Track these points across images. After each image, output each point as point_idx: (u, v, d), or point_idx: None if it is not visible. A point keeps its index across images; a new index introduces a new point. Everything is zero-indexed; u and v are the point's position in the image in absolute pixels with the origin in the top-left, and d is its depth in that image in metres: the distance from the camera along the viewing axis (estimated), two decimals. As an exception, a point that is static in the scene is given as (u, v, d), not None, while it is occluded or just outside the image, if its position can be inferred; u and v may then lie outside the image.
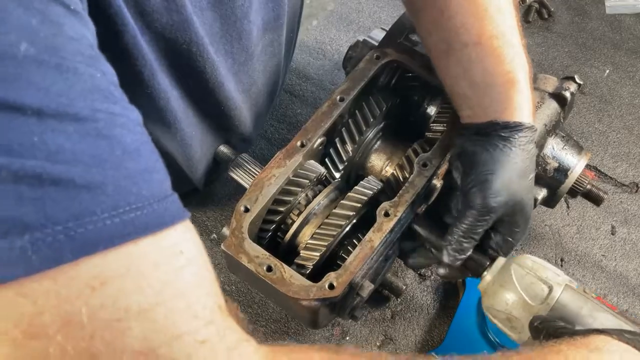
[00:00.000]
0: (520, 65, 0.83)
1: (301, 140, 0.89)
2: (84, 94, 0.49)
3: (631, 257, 1.11)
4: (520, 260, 0.85)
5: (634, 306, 1.07)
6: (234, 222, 0.83)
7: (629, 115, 1.26)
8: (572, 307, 0.79)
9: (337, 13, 1.42)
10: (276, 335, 1.05)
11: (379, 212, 0.84)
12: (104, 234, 0.48)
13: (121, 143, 0.50)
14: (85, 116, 0.48)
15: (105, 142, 0.49)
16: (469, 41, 0.82)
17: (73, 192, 0.47)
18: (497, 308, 0.84)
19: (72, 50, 0.49)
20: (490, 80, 0.82)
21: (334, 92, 0.93)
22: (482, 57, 0.82)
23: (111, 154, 0.49)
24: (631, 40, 1.36)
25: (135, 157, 0.51)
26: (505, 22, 0.82)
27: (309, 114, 1.19)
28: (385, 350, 1.04)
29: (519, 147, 0.82)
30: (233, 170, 0.96)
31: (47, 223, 0.46)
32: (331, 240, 0.85)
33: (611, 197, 1.16)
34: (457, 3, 0.82)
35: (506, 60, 0.82)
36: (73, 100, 0.48)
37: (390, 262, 0.94)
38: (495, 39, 0.81)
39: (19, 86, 0.45)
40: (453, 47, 0.83)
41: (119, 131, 0.50)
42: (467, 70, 0.83)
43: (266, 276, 0.80)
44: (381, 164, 0.97)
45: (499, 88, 0.82)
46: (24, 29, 0.46)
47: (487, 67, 0.82)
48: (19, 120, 0.45)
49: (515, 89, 0.82)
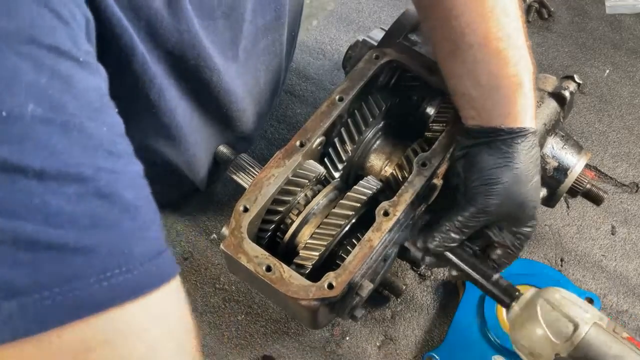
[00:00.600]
0: (525, 68, 0.83)
1: (300, 140, 0.89)
2: (87, 152, 0.49)
3: (631, 257, 1.11)
4: (548, 293, 0.81)
5: (634, 306, 1.07)
6: (233, 222, 0.83)
7: (629, 115, 1.26)
8: (598, 348, 0.75)
9: (337, 13, 1.42)
10: (276, 335, 1.05)
11: (378, 212, 0.84)
12: (91, 299, 0.47)
13: (120, 201, 0.50)
14: (87, 176, 0.49)
15: (104, 201, 0.49)
16: (474, 42, 0.82)
17: (66, 256, 0.47)
18: (521, 342, 0.81)
19: (79, 106, 0.50)
20: (495, 82, 0.82)
21: (333, 92, 0.93)
22: (487, 58, 0.82)
23: (109, 214, 0.49)
24: (631, 40, 1.36)
25: (133, 215, 0.51)
26: (511, 24, 0.82)
27: (308, 114, 1.18)
28: (385, 350, 1.04)
29: (522, 152, 0.82)
30: (232, 170, 0.96)
31: (35, 288, 0.46)
32: (330, 240, 0.85)
33: (611, 197, 1.16)
34: (464, 3, 0.81)
35: (511, 63, 0.82)
36: (76, 160, 0.48)
37: (390, 262, 0.94)
38: (501, 40, 0.81)
39: (24, 147, 0.46)
40: (459, 47, 0.83)
41: (120, 188, 0.51)
42: (472, 71, 0.83)
43: (265, 276, 0.80)
44: (380, 164, 0.97)
45: (503, 91, 0.82)
46: (33, 88, 0.46)
47: (492, 69, 0.82)
48: (22, 182, 0.45)
49: (519, 92, 0.82)
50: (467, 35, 0.82)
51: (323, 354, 1.04)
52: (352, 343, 1.05)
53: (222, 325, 1.06)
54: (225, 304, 1.08)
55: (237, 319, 1.07)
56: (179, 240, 1.13)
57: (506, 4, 0.82)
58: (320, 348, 1.04)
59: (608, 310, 1.06)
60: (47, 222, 0.46)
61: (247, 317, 1.07)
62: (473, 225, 0.85)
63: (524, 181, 0.84)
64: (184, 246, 1.13)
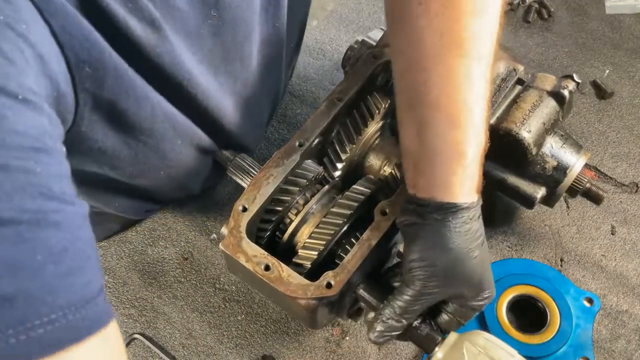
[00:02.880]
0: (473, 137, 0.76)
1: (299, 139, 0.90)
2: (11, 194, 0.46)
3: (631, 257, 1.11)
4: (472, 337, 0.81)
5: (634, 306, 1.06)
6: (232, 222, 0.84)
7: (629, 115, 1.26)
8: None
9: (336, 13, 1.42)
10: (276, 335, 1.05)
11: (376, 211, 0.84)
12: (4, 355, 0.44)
13: (44, 245, 0.48)
14: (8, 219, 0.46)
15: (25, 246, 0.46)
16: (430, 102, 0.75)
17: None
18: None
19: (9, 145, 0.47)
20: (438, 147, 0.76)
21: (332, 92, 0.93)
22: (437, 120, 0.76)
23: (30, 260, 0.46)
24: (631, 40, 1.36)
25: (58, 260, 0.48)
26: (472, 89, 0.75)
27: (308, 114, 1.19)
28: (385, 350, 1.04)
29: (454, 230, 0.76)
30: (232, 170, 0.96)
31: None
32: (329, 239, 0.85)
33: (611, 197, 1.16)
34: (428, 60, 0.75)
35: (459, 129, 0.75)
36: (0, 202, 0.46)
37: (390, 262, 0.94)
38: (454, 104, 0.75)
39: None
40: (415, 104, 0.77)
41: (45, 232, 0.48)
42: (421, 131, 0.77)
43: (264, 275, 0.80)
44: (379, 163, 0.97)
45: (443, 158, 0.76)
46: None
47: (437, 132, 0.76)
48: None
49: (460, 162, 0.75)
50: (424, 94, 0.76)
51: (323, 354, 1.04)
52: (352, 343, 1.05)
53: (222, 325, 1.06)
54: (225, 304, 1.08)
55: (237, 319, 1.07)
56: (179, 240, 1.14)
57: (471, 69, 0.75)
58: (320, 348, 1.04)
59: (608, 310, 1.06)
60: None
61: (247, 317, 1.07)
62: (416, 309, 0.80)
63: (461, 260, 0.77)
64: (184, 246, 1.13)
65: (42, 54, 0.54)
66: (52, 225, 0.49)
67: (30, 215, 0.47)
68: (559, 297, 1.04)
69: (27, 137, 0.49)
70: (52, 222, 0.49)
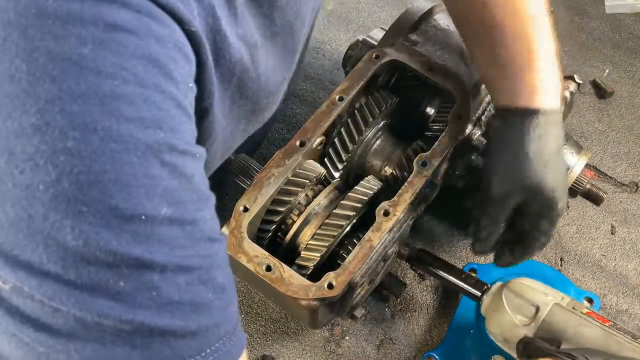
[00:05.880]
0: (543, 45, 0.82)
1: (300, 140, 0.89)
2: (198, 244, 0.53)
3: (631, 257, 1.11)
4: (511, 284, 0.90)
5: (634, 306, 1.07)
6: (233, 222, 0.83)
7: (629, 115, 1.26)
8: (558, 326, 0.84)
9: (337, 13, 1.42)
10: (276, 335, 1.05)
11: (378, 212, 0.84)
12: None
13: (214, 284, 0.54)
14: (196, 266, 0.53)
15: (204, 287, 0.53)
16: (496, 23, 0.82)
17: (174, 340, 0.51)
18: (494, 331, 0.91)
19: (195, 200, 0.53)
20: (512, 61, 0.82)
21: (333, 92, 0.93)
22: (505, 37, 0.82)
23: (205, 299, 0.54)
24: (631, 40, 1.36)
25: (222, 296, 0.55)
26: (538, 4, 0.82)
27: (308, 113, 1.18)
28: (385, 350, 1.04)
29: (530, 134, 0.80)
30: (232, 171, 0.96)
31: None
32: (332, 240, 0.85)
33: (611, 197, 1.16)
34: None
35: (528, 40, 0.81)
36: (188, 252, 0.52)
37: (390, 262, 0.94)
38: (521, 20, 0.81)
39: (153, 246, 0.49)
40: (484, 32, 0.84)
41: (214, 273, 0.55)
42: (493, 52, 0.83)
43: (265, 276, 0.80)
44: (381, 164, 0.97)
45: (515, 70, 0.82)
46: (167, 193, 0.50)
47: (508, 46, 0.82)
48: (147, 277, 0.49)
49: (533, 70, 0.81)
50: (489, 19, 0.82)
51: (323, 354, 1.04)
52: (352, 343, 1.05)
53: (222, 325, 1.06)
54: (225, 304, 1.08)
55: (237, 319, 1.07)
56: (179, 240, 1.13)
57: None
58: (320, 348, 1.04)
59: (608, 310, 1.06)
60: (160, 310, 0.50)
61: (247, 317, 1.07)
62: (499, 215, 0.84)
63: (535, 165, 0.81)
64: (184, 246, 1.13)
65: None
66: (217, 266, 0.55)
67: (207, 261, 0.54)
68: (560, 297, 1.04)
69: (202, 190, 0.55)
70: (217, 263, 0.55)
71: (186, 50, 0.55)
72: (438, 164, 0.88)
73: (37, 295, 0.47)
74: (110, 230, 0.47)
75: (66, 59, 0.46)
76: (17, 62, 0.46)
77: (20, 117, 0.46)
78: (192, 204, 0.53)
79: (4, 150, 0.46)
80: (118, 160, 0.47)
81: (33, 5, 0.46)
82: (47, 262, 0.47)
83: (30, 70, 0.46)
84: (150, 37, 0.50)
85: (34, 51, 0.46)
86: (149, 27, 0.50)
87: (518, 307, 0.87)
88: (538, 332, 0.85)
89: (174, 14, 0.53)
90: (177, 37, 0.53)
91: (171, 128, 0.51)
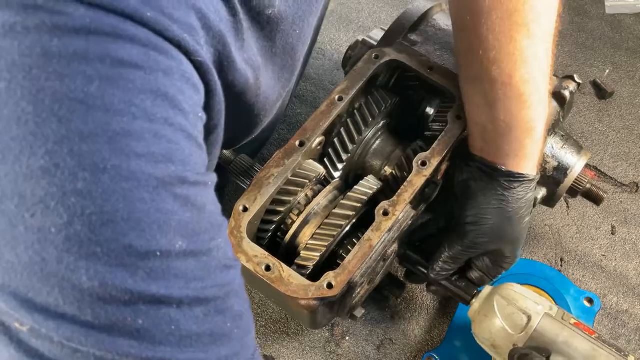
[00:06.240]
0: (541, 114, 0.83)
1: (300, 139, 0.89)
2: (213, 273, 0.53)
3: (631, 257, 1.11)
4: (503, 290, 0.91)
5: (634, 306, 1.06)
6: (233, 222, 0.83)
7: (629, 115, 1.26)
8: (549, 336, 0.85)
9: (336, 13, 1.42)
10: (276, 335, 1.05)
11: (377, 212, 0.84)
12: None
13: (231, 313, 0.55)
14: (212, 297, 0.53)
15: (220, 317, 0.54)
16: (499, 79, 0.80)
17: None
18: (482, 336, 0.90)
19: (208, 229, 0.53)
20: (511, 122, 0.82)
21: (333, 92, 0.93)
22: (508, 97, 0.81)
23: (224, 328, 0.54)
24: (631, 40, 1.36)
25: (239, 323, 0.56)
26: (539, 67, 0.81)
27: (308, 113, 1.19)
28: (385, 350, 1.04)
29: (517, 196, 0.85)
30: (232, 171, 0.96)
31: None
32: (331, 240, 0.85)
33: (611, 197, 1.16)
34: (496, 38, 0.79)
35: (531, 107, 0.81)
36: (204, 284, 0.52)
37: (389, 261, 0.94)
38: (525, 83, 0.80)
39: (169, 280, 0.49)
40: (482, 79, 0.82)
41: (230, 302, 0.55)
42: (491, 105, 0.83)
43: (265, 275, 0.80)
44: (380, 164, 0.97)
45: (516, 133, 0.83)
46: (181, 226, 0.50)
47: (510, 109, 0.82)
48: (164, 311, 0.49)
49: (531, 137, 0.83)
50: (493, 70, 0.80)
51: (323, 354, 1.04)
52: (352, 343, 1.05)
53: (222, 325, 1.06)
54: (225, 304, 1.08)
55: (237, 319, 1.07)
56: (179, 240, 1.13)
57: (538, 48, 0.80)
58: (320, 348, 1.04)
59: (608, 310, 1.06)
60: (180, 344, 0.50)
61: (247, 317, 1.07)
62: (463, 258, 0.92)
63: (515, 224, 0.88)
64: (183, 246, 1.13)
65: None
66: (234, 294, 0.56)
67: (224, 291, 0.54)
68: (559, 297, 1.04)
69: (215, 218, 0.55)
70: (234, 291, 0.56)
71: (194, 80, 0.54)
72: (437, 164, 0.88)
73: (56, 337, 0.47)
74: (125, 268, 0.47)
75: (72, 98, 0.46)
76: (23, 104, 0.45)
77: (28, 159, 0.45)
78: (206, 234, 0.53)
79: (13, 194, 0.45)
80: (129, 197, 0.47)
81: (37, 44, 0.45)
82: (63, 304, 0.46)
83: (37, 112, 0.45)
84: (157, 71, 0.50)
85: (40, 92, 0.45)
86: (155, 60, 0.50)
87: (509, 314, 0.88)
88: (529, 341, 0.86)
89: (180, 45, 0.52)
90: (184, 67, 0.53)
91: (182, 160, 0.51)
